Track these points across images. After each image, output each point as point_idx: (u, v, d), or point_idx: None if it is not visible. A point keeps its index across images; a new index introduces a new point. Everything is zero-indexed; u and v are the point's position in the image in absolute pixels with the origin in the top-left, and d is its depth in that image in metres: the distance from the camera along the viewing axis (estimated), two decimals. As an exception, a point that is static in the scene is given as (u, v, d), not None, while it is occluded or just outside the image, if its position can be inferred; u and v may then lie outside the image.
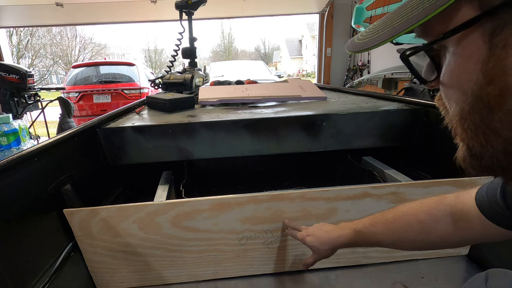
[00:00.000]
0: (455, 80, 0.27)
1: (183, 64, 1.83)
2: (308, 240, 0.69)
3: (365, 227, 0.62)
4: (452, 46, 0.27)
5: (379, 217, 0.61)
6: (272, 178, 1.48)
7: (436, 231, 0.53)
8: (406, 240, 0.58)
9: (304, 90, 1.42)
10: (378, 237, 0.60)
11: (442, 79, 0.29)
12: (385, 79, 3.53)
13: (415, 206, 0.57)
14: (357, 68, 5.18)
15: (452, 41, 0.26)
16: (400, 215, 0.58)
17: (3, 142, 2.06)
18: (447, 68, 0.28)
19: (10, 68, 2.93)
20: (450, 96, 0.29)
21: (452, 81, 0.28)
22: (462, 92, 0.27)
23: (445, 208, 0.53)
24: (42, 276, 0.66)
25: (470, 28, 0.24)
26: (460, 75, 0.27)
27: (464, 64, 0.26)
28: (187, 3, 1.52)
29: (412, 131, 1.08)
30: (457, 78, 0.27)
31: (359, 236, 0.63)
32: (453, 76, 0.28)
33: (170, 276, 0.86)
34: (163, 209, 0.77)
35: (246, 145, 1.01)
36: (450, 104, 0.29)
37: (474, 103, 0.26)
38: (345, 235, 0.64)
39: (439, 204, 0.54)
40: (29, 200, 0.67)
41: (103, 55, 16.03)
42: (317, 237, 0.68)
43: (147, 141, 0.97)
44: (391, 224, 0.58)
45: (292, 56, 30.65)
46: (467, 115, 0.27)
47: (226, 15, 5.88)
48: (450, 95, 0.29)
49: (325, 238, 0.66)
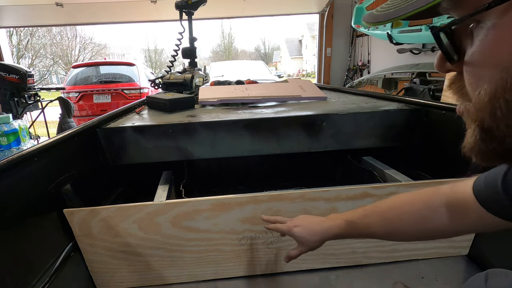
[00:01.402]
0: (492, 54, 0.25)
1: (183, 64, 1.83)
2: (296, 231, 0.65)
3: (358, 218, 0.60)
4: (493, 19, 0.24)
5: (372, 208, 0.60)
6: (272, 178, 1.48)
7: (432, 220, 0.53)
8: (400, 231, 0.57)
9: (304, 90, 1.42)
10: (371, 228, 0.59)
11: (472, 57, 0.27)
12: (385, 79, 3.53)
13: (410, 196, 0.57)
14: (357, 68, 5.18)
15: (496, 12, 0.24)
16: (395, 205, 0.57)
17: (3, 142, 2.06)
18: (482, 43, 0.26)
19: (10, 68, 2.93)
20: (481, 75, 0.26)
21: (488, 56, 0.25)
22: (500, 68, 0.24)
23: (440, 198, 0.52)
24: (42, 276, 0.66)
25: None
26: (501, 48, 0.24)
27: (509, 36, 0.24)
28: (187, 3, 1.52)
29: (412, 131, 1.08)
30: (496, 52, 0.25)
31: (352, 227, 0.61)
32: (490, 51, 0.25)
33: (170, 276, 0.86)
34: (163, 209, 0.77)
35: (246, 145, 1.01)
36: (478, 84, 0.27)
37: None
38: (337, 226, 0.62)
39: (435, 194, 0.54)
40: (29, 200, 0.67)
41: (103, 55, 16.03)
42: (306, 228, 0.65)
43: (147, 141, 0.97)
44: (385, 214, 0.57)
45: (292, 56, 30.66)
46: (501, 93, 0.25)
47: (226, 15, 5.88)
48: (480, 74, 0.27)
49: (315, 228, 0.64)
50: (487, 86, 0.26)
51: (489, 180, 0.45)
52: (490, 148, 0.28)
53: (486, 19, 0.25)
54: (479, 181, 0.47)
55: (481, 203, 0.46)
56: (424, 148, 1.10)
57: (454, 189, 0.52)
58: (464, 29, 0.28)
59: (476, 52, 0.26)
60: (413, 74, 3.00)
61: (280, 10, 5.70)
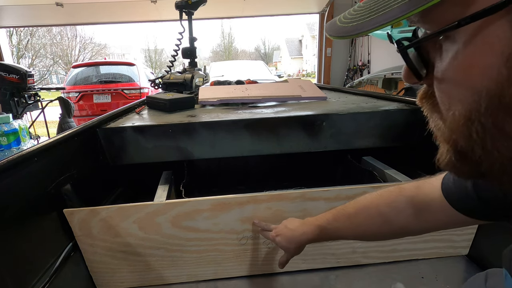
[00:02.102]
0: (464, 76, 0.23)
1: (183, 64, 1.83)
2: (278, 240, 0.69)
3: (328, 223, 0.62)
4: (465, 36, 0.22)
5: (341, 212, 0.61)
6: (272, 178, 1.48)
7: (398, 222, 0.53)
8: (368, 233, 0.58)
9: (304, 90, 1.42)
10: (341, 232, 0.60)
11: (442, 75, 0.25)
12: (385, 79, 3.53)
13: (375, 199, 0.57)
14: (357, 68, 5.18)
15: (467, 30, 0.22)
16: (361, 209, 0.58)
17: (3, 142, 2.06)
18: (453, 62, 0.24)
19: (10, 68, 2.93)
20: (453, 94, 0.25)
21: (459, 77, 0.24)
22: (472, 91, 0.23)
23: (406, 199, 0.53)
24: (42, 276, 0.66)
25: (494, 14, 0.20)
26: (473, 70, 0.22)
27: (481, 57, 0.22)
28: (187, 3, 1.52)
29: (412, 131, 1.08)
30: (468, 74, 0.23)
31: (323, 232, 0.62)
32: (462, 71, 0.23)
33: (170, 276, 0.86)
34: (163, 209, 0.77)
35: (246, 145, 1.01)
36: (450, 103, 0.25)
37: (489, 104, 0.22)
38: (310, 232, 0.64)
39: (399, 195, 0.54)
40: (29, 200, 0.67)
41: (103, 55, 16.04)
42: (285, 236, 0.68)
43: (147, 141, 0.97)
44: (353, 218, 0.58)
45: (292, 56, 30.67)
46: (476, 116, 0.23)
47: (226, 15, 5.89)
48: (453, 94, 0.25)
49: (290, 236, 0.66)
50: (460, 107, 0.24)
51: (457, 182, 0.45)
52: (466, 169, 0.27)
53: (456, 36, 0.23)
54: (447, 181, 0.47)
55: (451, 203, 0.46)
56: (424, 148, 1.09)
57: (420, 189, 0.52)
58: (432, 42, 0.26)
59: (446, 70, 0.25)
60: (413, 74, 2.99)
61: (280, 10, 5.70)
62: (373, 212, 0.56)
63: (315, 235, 0.63)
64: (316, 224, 0.64)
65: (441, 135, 0.28)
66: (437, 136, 0.29)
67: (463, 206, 0.45)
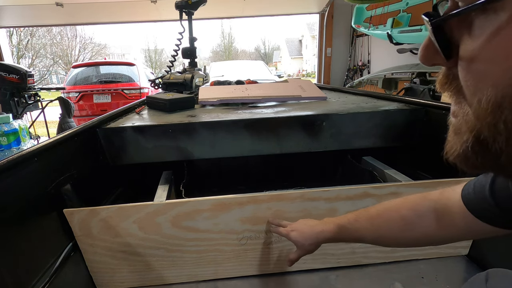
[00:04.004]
0: (506, 55, 0.20)
1: (183, 64, 1.83)
2: (293, 235, 0.68)
3: (349, 223, 0.61)
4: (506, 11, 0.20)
5: (363, 213, 0.61)
6: (272, 178, 1.48)
7: (419, 227, 0.52)
8: (388, 237, 0.57)
9: (304, 90, 1.42)
10: (361, 233, 0.59)
11: (475, 54, 0.22)
12: (385, 79, 3.53)
13: (398, 202, 0.57)
14: (357, 68, 5.18)
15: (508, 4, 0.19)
16: (383, 211, 0.57)
17: (3, 142, 2.06)
18: (492, 39, 0.21)
19: (10, 68, 2.93)
20: (485, 76, 0.22)
21: (499, 57, 0.21)
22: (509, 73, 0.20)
23: (429, 203, 0.52)
24: (42, 276, 0.66)
25: None
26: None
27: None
28: (187, 3, 1.52)
29: (412, 131, 1.08)
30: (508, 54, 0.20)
31: (342, 231, 0.62)
32: (503, 50, 0.20)
33: (170, 276, 0.86)
34: (163, 209, 0.77)
35: (246, 145, 1.01)
36: (478, 87, 0.23)
37: None
38: (328, 230, 0.64)
39: (423, 199, 0.54)
40: (29, 200, 0.67)
41: (103, 55, 16.04)
42: (301, 232, 0.67)
43: (147, 141, 0.97)
44: (374, 220, 0.58)
45: (292, 56, 30.66)
46: (508, 103, 0.20)
47: (226, 15, 5.88)
48: (484, 75, 0.22)
49: (308, 233, 0.66)
50: (490, 91, 0.21)
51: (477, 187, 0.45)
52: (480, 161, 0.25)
53: (499, 10, 0.20)
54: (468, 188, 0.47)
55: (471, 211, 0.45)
56: (424, 148, 1.10)
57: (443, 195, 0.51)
58: (462, 18, 0.23)
59: (481, 49, 0.22)
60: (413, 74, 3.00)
61: (280, 10, 5.69)
62: (395, 214, 0.55)
63: (334, 234, 0.63)
64: (336, 223, 0.63)
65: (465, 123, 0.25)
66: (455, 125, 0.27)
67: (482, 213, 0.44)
